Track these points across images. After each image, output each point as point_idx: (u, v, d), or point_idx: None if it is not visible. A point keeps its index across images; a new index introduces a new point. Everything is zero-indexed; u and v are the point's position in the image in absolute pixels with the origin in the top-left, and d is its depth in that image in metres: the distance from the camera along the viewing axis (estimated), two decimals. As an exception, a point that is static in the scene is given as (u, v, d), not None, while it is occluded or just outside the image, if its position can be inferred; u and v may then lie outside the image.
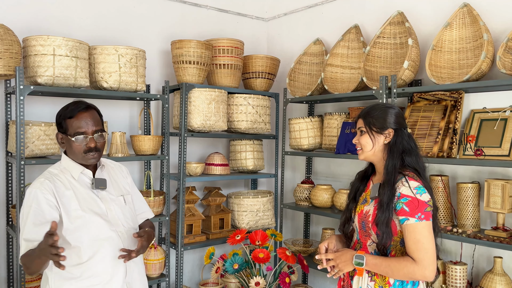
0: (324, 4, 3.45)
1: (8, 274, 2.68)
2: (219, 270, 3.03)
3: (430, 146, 2.53)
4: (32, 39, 2.45)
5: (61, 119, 1.77)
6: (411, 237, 1.63)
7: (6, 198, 2.67)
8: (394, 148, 1.73)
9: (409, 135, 1.78)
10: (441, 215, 2.56)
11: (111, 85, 2.72)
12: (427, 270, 1.61)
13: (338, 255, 1.75)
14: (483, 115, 2.49)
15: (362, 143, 1.78)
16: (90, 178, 1.82)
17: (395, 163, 1.71)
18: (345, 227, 1.92)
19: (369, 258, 1.68)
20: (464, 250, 2.60)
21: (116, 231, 1.79)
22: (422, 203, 1.63)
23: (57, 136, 1.80)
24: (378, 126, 1.75)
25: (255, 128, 3.33)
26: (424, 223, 1.62)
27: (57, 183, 1.73)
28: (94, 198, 1.79)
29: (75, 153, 1.77)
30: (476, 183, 2.46)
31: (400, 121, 1.78)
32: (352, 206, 1.88)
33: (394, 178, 1.69)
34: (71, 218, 1.70)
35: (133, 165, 3.22)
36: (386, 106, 1.80)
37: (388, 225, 1.65)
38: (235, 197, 3.39)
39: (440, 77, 2.53)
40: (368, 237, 1.76)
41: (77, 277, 1.70)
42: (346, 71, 3.14)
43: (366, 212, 1.76)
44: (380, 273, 1.68)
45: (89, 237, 1.71)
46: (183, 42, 3.01)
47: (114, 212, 1.82)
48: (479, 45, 2.45)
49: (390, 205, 1.65)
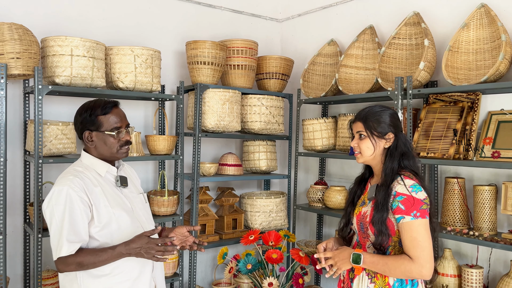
0: (339, 5, 3.44)
1: (25, 271, 2.72)
2: (232, 270, 3.04)
3: (446, 147, 2.51)
4: (50, 40, 2.49)
5: (93, 117, 1.76)
6: (408, 235, 1.63)
7: (24, 196, 2.72)
8: (394, 152, 1.74)
9: (406, 138, 1.79)
10: (457, 218, 2.54)
11: (127, 85, 2.74)
12: (424, 268, 1.60)
13: (336, 253, 1.75)
14: (500, 116, 2.46)
15: (362, 148, 1.77)
16: (114, 175, 1.84)
17: (394, 167, 1.72)
18: (343, 231, 1.92)
19: (366, 256, 1.68)
20: (480, 254, 2.57)
21: (142, 227, 1.82)
22: (417, 201, 1.63)
23: (85, 134, 1.78)
24: (380, 131, 1.75)
25: (268, 128, 3.33)
26: (420, 220, 1.62)
27: (85, 180, 1.73)
28: (119, 195, 1.81)
29: (110, 148, 1.78)
30: (493, 185, 2.44)
31: (398, 124, 1.79)
32: (350, 210, 1.88)
33: (392, 180, 1.70)
34: (101, 215, 1.71)
35: (147, 165, 3.24)
36: (383, 109, 1.79)
37: (383, 224, 1.66)
38: (248, 198, 3.39)
39: (456, 78, 2.51)
40: (367, 239, 1.77)
41: (107, 274, 1.71)
42: (361, 72, 3.12)
43: (364, 213, 1.77)
44: (378, 271, 1.68)
45: (118, 234, 1.73)
46: (198, 43, 3.03)
47: (138, 209, 1.86)
48: (497, 46, 2.43)
49: (385, 205, 1.66)
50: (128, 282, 1.74)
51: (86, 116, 1.77)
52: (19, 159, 2.74)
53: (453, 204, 2.55)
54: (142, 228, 1.82)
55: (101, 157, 1.81)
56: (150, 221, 1.92)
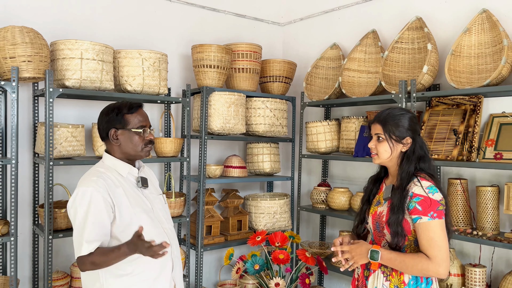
0: (341, 9, 3.50)
1: (34, 273, 2.74)
2: (239, 270, 3.07)
3: (449, 149, 2.57)
4: (60, 43, 2.52)
5: (120, 116, 1.81)
6: (425, 235, 1.67)
7: (33, 198, 2.74)
8: (411, 157, 1.77)
9: (423, 141, 1.82)
10: (460, 218, 2.60)
11: (135, 88, 2.78)
12: (441, 267, 1.65)
13: (353, 248, 1.78)
14: (502, 119, 2.52)
15: (380, 150, 1.80)
16: (135, 176, 1.88)
17: (410, 170, 1.75)
18: (358, 228, 1.96)
19: (384, 253, 1.72)
20: (483, 253, 2.62)
21: (161, 227, 1.86)
22: (434, 202, 1.68)
23: (111, 132, 1.82)
24: (398, 135, 1.78)
25: (272, 131, 3.38)
26: (437, 221, 1.67)
27: (108, 181, 1.76)
28: (140, 196, 1.85)
29: (135, 146, 1.82)
30: (496, 186, 2.50)
31: (416, 128, 1.82)
32: (366, 208, 1.92)
33: (408, 182, 1.73)
34: (123, 215, 1.74)
35: (153, 167, 3.27)
36: (403, 112, 1.82)
37: (399, 225, 1.70)
38: (253, 199, 3.43)
39: (459, 82, 2.57)
40: (383, 238, 1.80)
41: (128, 274, 1.75)
42: (363, 76, 3.18)
43: (380, 213, 1.80)
44: (394, 267, 1.72)
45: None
46: (204, 47, 3.07)
47: (158, 210, 1.90)
48: (499, 50, 2.49)
49: (401, 207, 1.70)
50: (148, 281, 1.78)
51: (113, 115, 1.82)
52: (27, 161, 2.75)
53: (456, 205, 2.61)
54: (161, 228, 1.86)
55: (124, 156, 1.85)
56: (169, 221, 1.96)
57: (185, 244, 3.20)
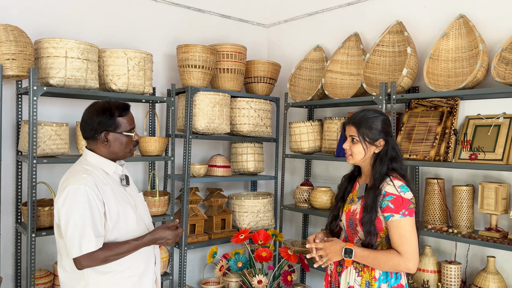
0: (325, 12, 3.57)
1: (16, 271, 2.73)
2: (223, 268, 3.11)
3: (427, 150, 2.65)
4: (45, 41, 2.52)
5: (112, 119, 1.82)
6: (396, 232, 1.75)
7: (16, 196, 2.73)
8: (384, 158, 1.85)
9: (395, 142, 1.90)
10: (436, 216, 2.68)
11: (120, 87, 2.79)
12: (410, 263, 1.73)
13: (328, 245, 1.85)
14: (477, 121, 2.61)
15: (354, 151, 1.88)
16: (119, 174, 1.90)
17: (383, 171, 1.83)
18: (332, 225, 2.03)
19: (357, 250, 1.79)
20: (459, 250, 2.71)
21: (144, 224, 1.90)
22: (406, 200, 1.76)
23: (102, 135, 1.82)
24: (371, 137, 1.85)
25: (256, 131, 3.42)
26: (408, 219, 1.75)
27: (96, 179, 1.77)
28: (125, 193, 1.88)
29: (125, 148, 1.86)
30: (471, 186, 2.59)
31: (389, 130, 1.90)
32: (340, 206, 1.99)
33: (380, 182, 1.81)
34: (112, 213, 1.76)
35: (137, 166, 3.29)
36: (376, 115, 1.88)
37: (372, 224, 1.78)
38: (236, 198, 3.47)
39: (437, 85, 2.65)
40: (355, 235, 1.87)
41: (114, 270, 1.76)
42: (346, 77, 3.25)
43: (353, 211, 1.87)
44: (367, 264, 1.79)
45: (126, 230, 1.79)
46: (189, 47, 3.10)
47: (140, 207, 1.93)
48: (474, 55, 2.58)
49: (374, 206, 1.78)
50: (134, 277, 1.81)
51: (105, 118, 1.81)
52: (11, 159, 2.75)
53: (433, 204, 2.69)
54: (144, 225, 1.89)
55: (111, 156, 1.86)
56: (149, 219, 2.00)
57: (169, 243, 3.22)
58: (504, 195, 2.42)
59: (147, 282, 1.85)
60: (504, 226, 2.52)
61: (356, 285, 1.83)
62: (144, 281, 1.84)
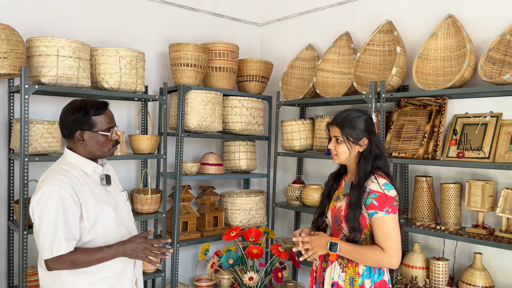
0: (316, 11, 3.59)
1: (9, 269, 2.74)
2: (214, 265, 3.14)
3: (416, 148, 2.68)
4: (36, 40, 2.53)
5: (87, 117, 1.78)
6: (380, 229, 1.79)
7: (8, 194, 2.74)
8: (368, 156, 1.90)
9: (379, 140, 1.94)
10: (425, 214, 2.72)
11: (112, 85, 2.81)
12: (393, 259, 1.78)
13: (314, 239, 1.89)
14: (465, 119, 2.65)
15: (339, 151, 1.92)
16: (99, 174, 1.87)
17: (367, 169, 1.87)
18: (318, 221, 2.07)
19: (342, 245, 1.83)
20: (447, 247, 2.76)
21: (124, 225, 1.87)
22: (389, 198, 1.80)
23: (77, 134, 1.78)
24: (355, 137, 1.90)
25: (248, 129, 3.45)
26: (392, 216, 1.79)
27: (73, 180, 1.73)
28: (105, 193, 1.85)
29: (102, 147, 1.81)
30: (458, 183, 2.63)
31: (372, 128, 1.94)
32: (326, 203, 2.04)
33: (365, 180, 1.85)
34: (89, 214, 1.73)
35: (130, 164, 3.31)
36: (359, 115, 1.93)
37: (357, 221, 1.82)
38: (229, 196, 3.50)
39: (426, 84, 2.69)
40: (340, 231, 1.92)
41: (91, 271, 1.73)
42: (337, 76, 3.28)
43: (338, 208, 1.92)
44: (351, 259, 1.84)
45: (103, 231, 1.77)
46: (181, 46, 3.11)
47: (121, 207, 1.90)
48: (462, 54, 2.62)
49: (358, 204, 1.82)
50: (112, 278, 1.78)
51: (79, 116, 1.77)
52: (3, 157, 2.76)
53: (422, 201, 2.73)
54: (124, 226, 1.86)
55: (89, 155, 1.82)
56: (131, 219, 1.96)
57: (161, 240, 3.24)
58: (490, 193, 2.46)
59: (125, 283, 1.82)
60: (490, 223, 2.56)
61: (340, 280, 1.87)
62: (122, 282, 1.81)
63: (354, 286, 1.84)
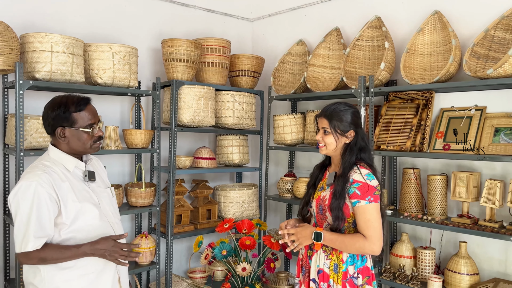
0: (307, 7, 3.65)
1: (5, 262, 2.79)
2: (208, 256, 3.20)
3: (403, 141, 2.76)
4: (30, 36, 2.56)
5: (67, 114, 1.75)
6: (362, 217, 1.87)
7: (3, 188, 2.78)
8: (353, 148, 1.98)
9: (364, 133, 2.03)
10: (413, 204, 2.80)
11: (105, 81, 2.84)
12: (375, 245, 1.86)
13: (299, 230, 1.97)
14: (451, 113, 2.73)
15: (327, 142, 2.00)
16: (82, 170, 1.85)
17: (352, 160, 1.95)
18: (303, 210, 2.15)
19: (326, 234, 1.91)
20: (433, 236, 2.84)
21: (108, 222, 1.86)
22: (371, 187, 1.88)
23: (58, 130, 1.77)
24: (342, 129, 1.98)
25: (241, 123, 3.50)
26: (373, 204, 1.87)
27: (53, 176, 1.72)
28: (87, 190, 1.83)
29: (84, 144, 1.80)
30: (444, 175, 2.71)
31: (358, 122, 2.02)
32: (311, 192, 2.12)
33: (349, 171, 1.93)
34: (69, 211, 1.72)
35: (124, 158, 3.35)
36: (346, 108, 2.01)
37: (340, 210, 1.90)
38: (222, 190, 3.56)
39: (413, 78, 2.76)
40: (324, 220, 2.00)
41: (71, 267, 1.73)
42: (327, 71, 3.34)
43: (323, 197, 2.00)
44: (335, 247, 1.92)
45: (84, 227, 1.76)
46: (174, 41, 3.15)
47: (105, 203, 1.88)
48: (448, 49, 2.69)
49: (342, 193, 1.90)
50: (92, 275, 1.78)
51: (59, 113, 1.76)
52: (-3, 152, 2.79)
53: (410, 192, 2.81)
54: (108, 223, 1.86)
55: (71, 151, 1.81)
56: (116, 215, 1.95)
57: (155, 233, 3.30)
58: (475, 183, 2.55)
59: (106, 281, 1.82)
60: (475, 213, 2.65)
61: (325, 267, 1.96)
62: (102, 279, 1.81)
63: (339, 273, 1.93)
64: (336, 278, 1.93)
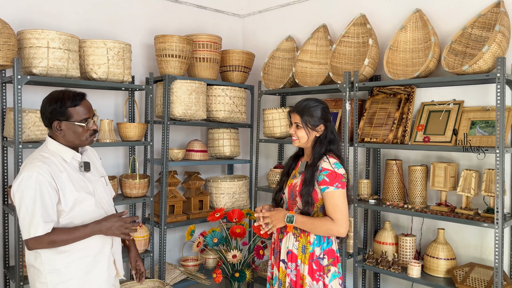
0: (296, 4, 3.76)
1: (4, 250, 2.89)
2: (200, 244, 3.33)
3: (386, 133, 2.90)
4: (27, 32, 2.65)
5: (63, 108, 1.85)
6: (330, 202, 2.05)
7: (2, 179, 2.88)
8: (323, 141, 2.16)
9: (333, 127, 2.20)
10: (395, 194, 2.95)
11: (100, 76, 2.94)
12: (342, 228, 2.03)
13: (273, 213, 2.15)
14: (431, 107, 2.87)
15: (299, 135, 2.18)
16: (78, 161, 1.94)
17: (322, 152, 2.13)
18: (276, 196, 2.32)
19: (298, 217, 2.08)
20: (414, 224, 2.99)
21: (103, 208, 1.97)
22: (339, 175, 2.06)
23: (54, 124, 1.86)
24: (313, 124, 2.15)
25: (232, 117, 3.62)
26: (341, 190, 2.05)
27: (52, 166, 1.81)
28: (83, 180, 1.93)
29: (79, 137, 1.90)
30: (424, 166, 2.85)
31: (328, 116, 2.20)
32: (284, 180, 2.29)
33: (318, 161, 2.10)
34: (67, 199, 1.82)
35: (118, 151, 3.46)
36: (316, 104, 2.18)
37: (310, 196, 2.07)
38: (213, 181, 3.68)
39: (396, 73, 2.89)
40: (295, 205, 2.16)
41: (69, 250, 1.84)
42: (315, 67, 3.47)
43: (294, 184, 2.17)
44: (305, 229, 2.08)
45: (81, 214, 1.87)
46: (166, 37, 3.26)
47: (100, 192, 1.99)
48: (428, 46, 2.83)
49: (312, 181, 2.07)
50: (90, 257, 1.90)
51: (56, 107, 1.85)
52: (-4, 145, 2.89)
53: (392, 183, 2.96)
54: (103, 210, 1.97)
55: (68, 144, 1.91)
56: (110, 202, 2.06)
57: (149, 223, 3.42)
58: (452, 174, 2.69)
59: (102, 262, 1.94)
60: (452, 201, 2.80)
61: (294, 249, 2.13)
62: (99, 261, 1.93)
63: (306, 253, 2.10)
64: (304, 259, 2.10)
